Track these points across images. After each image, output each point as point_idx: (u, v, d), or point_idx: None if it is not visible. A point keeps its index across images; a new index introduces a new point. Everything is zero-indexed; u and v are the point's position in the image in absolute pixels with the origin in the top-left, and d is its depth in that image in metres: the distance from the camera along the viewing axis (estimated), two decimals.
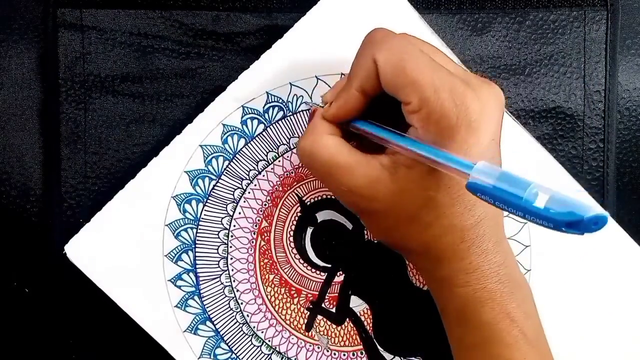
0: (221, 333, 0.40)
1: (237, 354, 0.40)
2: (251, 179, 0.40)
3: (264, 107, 0.39)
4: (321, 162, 0.31)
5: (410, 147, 0.29)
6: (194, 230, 0.39)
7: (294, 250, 0.40)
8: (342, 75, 0.39)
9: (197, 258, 0.40)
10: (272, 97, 0.39)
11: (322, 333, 0.40)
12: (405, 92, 0.29)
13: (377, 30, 0.31)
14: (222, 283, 0.40)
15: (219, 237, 0.40)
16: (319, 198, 0.40)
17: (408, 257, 0.35)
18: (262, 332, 0.40)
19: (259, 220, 0.40)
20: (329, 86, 0.39)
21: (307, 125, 0.37)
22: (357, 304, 0.41)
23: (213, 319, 0.40)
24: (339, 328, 0.41)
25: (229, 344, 0.40)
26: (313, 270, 0.41)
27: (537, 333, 0.32)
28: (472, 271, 0.31)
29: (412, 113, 0.29)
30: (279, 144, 0.40)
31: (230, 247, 0.40)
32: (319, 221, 0.40)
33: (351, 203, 0.32)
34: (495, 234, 0.31)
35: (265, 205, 0.40)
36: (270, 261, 0.40)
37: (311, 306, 0.41)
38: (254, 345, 0.40)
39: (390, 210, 0.31)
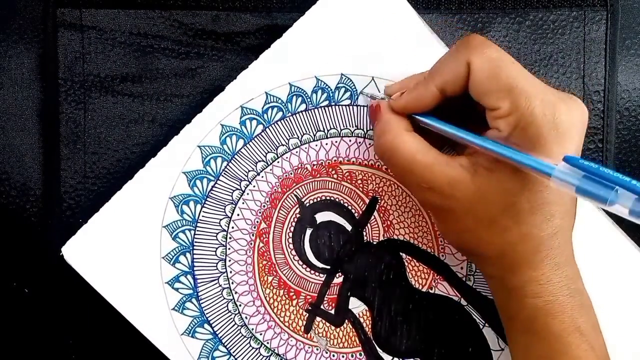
0: (219, 336, 0.37)
1: (236, 357, 0.37)
2: (250, 180, 0.36)
3: (262, 108, 0.36)
4: (402, 158, 0.30)
5: (492, 147, 0.28)
6: (192, 232, 0.36)
7: (293, 252, 0.37)
8: (342, 76, 0.36)
9: (195, 260, 0.36)
10: (271, 97, 0.36)
11: (321, 335, 0.37)
12: (496, 97, 0.28)
13: (474, 35, 0.30)
14: (220, 285, 0.37)
15: (217, 239, 0.37)
16: (318, 199, 0.37)
17: (478, 263, 0.33)
18: (261, 334, 0.37)
19: (257, 221, 0.37)
20: (329, 86, 0.36)
21: (370, 119, 0.34)
22: (356, 306, 0.38)
23: (211, 322, 0.37)
24: (338, 330, 0.38)
25: (227, 347, 0.37)
26: (312, 271, 0.37)
27: (604, 348, 0.30)
28: (545, 282, 0.29)
29: (499, 118, 0.28)
30: (278, 145, 0.37)
31: (229, 248, 0.37)
32: (318, 222, 0.37)
33: (429, 201, 0.31)
34: (568, 247, 0.30)
35: (264, 206, 0.37)
36: (269, 263, 0.37)
37: (310, 308, 0.38)
38: (253, 348, 0.37)
39: (469, 211, 0.30)
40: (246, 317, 0.37)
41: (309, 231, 0.37)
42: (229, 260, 0.37)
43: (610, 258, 0.37)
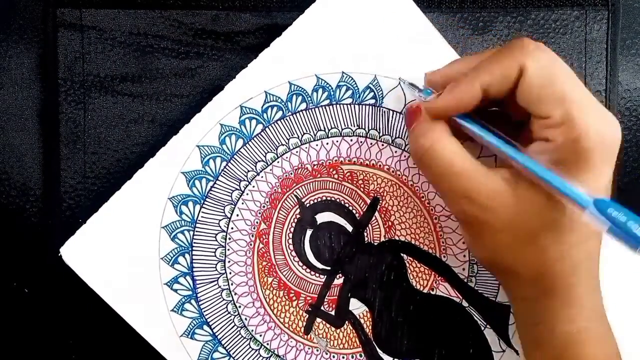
0: (219, 337, 0.36)
1: (235, 358, 0.36)
2: (249, 180, 0.35)
3: (262, 107, 0.35)
4: (440, 163, 0.28)
5: (532, 167, 0.27)
6: (191, 233, 0.35)
7: (293, 253, 0.36)
8: (343, 74, 0.35)
9: (194, 261, 0.35)
10: (271, 96, 0.35)
11: (321, 336, 0.37)
12: (548, 105, 0.27)
13: (528, 39, 0.28)
14: (219, 286, 0.36)
15: (216, 240, 0.35)
16: (319, 200, 0.36)
17: (510, 284, 0.31)
18: (261, 335, 0.36)
19: (257, 222, 0.36)
20: (330, 84, 0.35)
21: (407, 120, 0.32)
22: (356, 307, 0.37)
23: (210, 323, 0.36)
24: (338, 331, 0.37)
25: (227, 348, 0.36)
26: (312, 272, 0.37)
27: None
28: (579, 307, 0.28)
29: (549, 127, 0.27)
30: (277, 145, 0.36)
31: (228, 249, 0.36)
32: (318, 223, 0.36)
33: (465, 212, 0.29)
34: (597, 272, 0.29)
35: (263, 207, 0.36)
36: (269, 264, 0.36)
37: (310, 309, 0.37)
38: (252, 349, 0.36)
39: (507, 226, 0.28)
40: (246, 318, 0.36)
41: (309, 232, 0.36)
42: (229, 261, 0.36)
43: (608, 262, 0.36)
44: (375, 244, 0.36)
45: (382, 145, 0.35)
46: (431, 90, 0.31)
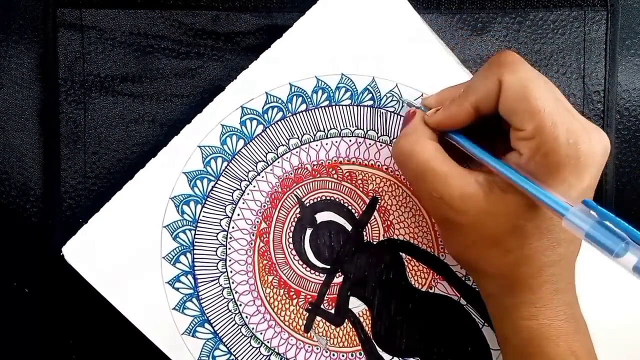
0: (220, 335, 0.36)
1: (236, 356, 0.37)
2: (250, 180, 0.35)
3: (263, 108, 0.35)
4: (418, 163, 0.29)
5: (510, 175, 0.27)
6: (192, 232, 0.35)
7: (293, 252, 0.37)
8: (343, 76, 0.35)
9: (195, 260, 0.36)
10: (272, 97, 0.35)
11: (321, 334, 0.37)
12: (522, 118, 0.27)
13: (507, 53, 0.28)
14: (220, 285, 0.36)
15: (217, 239, 0.36)
16: (318, 199, 0.36)
17: (477, 279, 0.32)
18: (261, 333, 0.37)
19: (257, 221, 0.36)
20: (329, 86, 0.35)
21: (402, 125, 0.33)
22: (356, 305, 0.37)
23: (211, 321, 0.36)
24: (337, 329, 0.37)
25: (228, 346, 0.36)
26: (312, 271, 0.37)
27: None
28: (541, 306, 0.28)
29: (522, 140, 0.27)
30: (278, 145, 0.36)
31: (229, 248, 0.36)
32: (318, 222, 0.36)
33: (437, 211, 0.30)
34: (569, 274, 0.30)
35: (264, 206, 0.36)
36: (269, 262, 0.36)
37: (310, 307, 0.37)
38: (253, 347, 0.37)
39: (476, 228, 0.28)
40: (246, 317, 0.36)
41: (309, 231, 0.36)
42: (229, 260, 0.36)
43: (611, 286, 0.36)
44: (375, 243, 0.36)
45: (381, 145, 0.36)
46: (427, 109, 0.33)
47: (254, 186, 0.36)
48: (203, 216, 0.35)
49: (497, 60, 0.28)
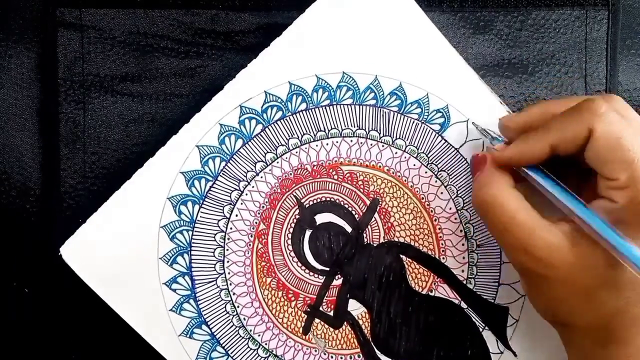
0: (217, 337, 0.35)
1: (234, 357, 0.36)
2: (248, 181, 0.35)
3: (262, 107, 0.34)
4: (503, 216, 0.28)
5: (594, 225, 0.26)
6: (190, 233, 0.34)
7: (292, 253, 0.36)
8: (344, 74, 0.34)
9: (192, 261, 0.35)
10: (271, 96, 0.34)
11: (319, 336, 0.36)
12: (614, 168, 0.27)
13: (599, 101, 0.28)
14: (218, 286, 0.35)
15: (215, 240, 0.35)
16: (318, 200, 0.36)
17: (566, 333, 0.31)
18: (259, 335, 0.36)
19: (256, 222, 0.35)
20: (330, 84, 0.34)
21: (472, 169, 0.32)
22: (355, 308, 0.36)
23: (209, 323, 0.35)
24: (336, 331, 0.36)
25: (225, 348, 0.35)
26: (311, 273, 0.36)
27: None
28: (634, 358, 0.27)
29: (614, 189, 0.27)
30: (277, 145, 0.35)
31: (227, 249, 0.35)
32: (317, 224, 0.36)
33: (523, 265, 0.28)
34: None
35: (262, 207, 0.35)
36: (268, 264, 0.35)
37: (309, 309, 0.36)
38: (251, 349, 0.36)
39: (565, 281, 0.28)
40: (244, 318, 0.35)
41: (308, 232, 0.35)
42: (227, 261, 0.35)
43: None
44: (375, 245, 0.35)
45: (383, 146, 0.35)
46: (502, 139, 0.32)
47: (253, 187, 0.35)
48: (201, 217, 0.35)
49: (588, 107, 0.28)
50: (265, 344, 0.35)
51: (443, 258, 0.35)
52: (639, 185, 0.26)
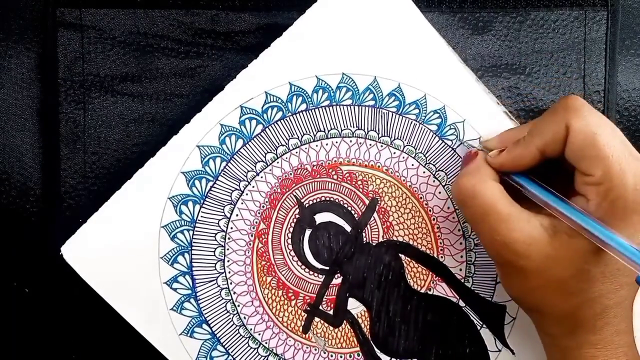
0: (218, 336, 0.35)
1: (234, 356, 0.36)
2: (249, 181, 0.35)
3: (262, 107, 0.34)
4: (481, 204, 0.28)
5: (579, 221, 0.27)
6: (191, 232, 0.35)
7: (292, 253, 0.36)
8: (344, 75, 0.34)
9: (193, 260, 0.35)
10: (271, 96, 0.34)
11: (319, 335, 0.36)
12: (589, 164, 0.27)
13: (573, 97, 0.28)
14: (218, 285, 0.35)
15: (215, 239, 0.35)
16: (318, 200, 0.36)
17: (537, 319, 0.31)
18: (259, 334, 0.36)
19: (256, 222, 0.35)
20: (330, 85, 0.35)
21: (463, 165, 0.33)
22: (354, 307, 0.36)
23: (209, 322, 0.35)
24: (336, 330, 0.36)
25: (226, 347, 0.36)
26: (311, 272, 0.36)
27: None
28: (602, 347, 0.28)
29: (589, 185, 0.27)
30: (277, 145, 0.35)
31: (227, 249, 0.35)
32: (317, 223, 0.36)
33: (499, 253, 0.29)
34: (629, 316, 0.29)
35: (263, 207, 0.35)
36: (268, 263, 0.35)
37: (309, 308, 0.36)
38: (251, 348, 0.36)
39: (540, 272, 0.28)
40: (245, 317, 0.36)
41: (308, 232, 0.36)
42: (228, 261, 0.35)
43: None
44: (374, 244, 0.36)
45: (382, 146, 0.35)
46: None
47: (253, 186, 0.35)
48: (201, 216, 0.35)
49: (563, 104, 0.28)
50: (266, 343, 0.36)
51: (441, 257, 0.35)
52: (612, 181, 0.26)
